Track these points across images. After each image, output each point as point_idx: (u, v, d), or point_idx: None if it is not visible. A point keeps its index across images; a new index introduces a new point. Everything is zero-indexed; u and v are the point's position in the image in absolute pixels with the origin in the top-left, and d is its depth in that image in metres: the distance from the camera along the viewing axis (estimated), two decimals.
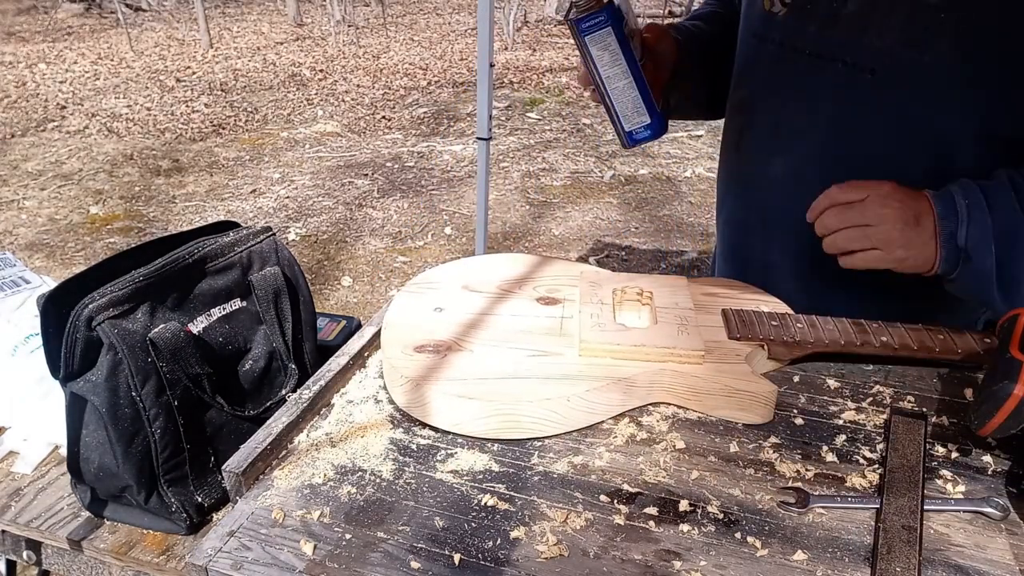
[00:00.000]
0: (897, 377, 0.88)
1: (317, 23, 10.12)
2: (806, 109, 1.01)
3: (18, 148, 5.38)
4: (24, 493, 0.87)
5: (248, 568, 0.65)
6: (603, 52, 0.94)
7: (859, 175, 0.89)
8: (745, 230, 1.16)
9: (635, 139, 1.00)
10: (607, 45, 0.94)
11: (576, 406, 0.79)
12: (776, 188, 1.07)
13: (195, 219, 4.20)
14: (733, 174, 1.18)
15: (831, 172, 0.93)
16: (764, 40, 1.05)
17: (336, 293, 3.44)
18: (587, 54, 0.95)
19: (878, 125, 0.95)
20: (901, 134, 0.94)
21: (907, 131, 0.93)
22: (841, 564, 0.64)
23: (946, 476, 0.73)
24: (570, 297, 0.96)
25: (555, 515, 0.69)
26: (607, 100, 0.98)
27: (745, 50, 1.11)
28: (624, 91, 0.97)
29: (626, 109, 0.98)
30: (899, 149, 0.95)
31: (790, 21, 1.01)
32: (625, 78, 0.96)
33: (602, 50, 0.94)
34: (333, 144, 5.42)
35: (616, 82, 0.97)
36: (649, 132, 0.99)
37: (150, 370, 0.76)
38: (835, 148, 0.99)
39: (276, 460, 0.77)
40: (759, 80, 1.08)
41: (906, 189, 0.87)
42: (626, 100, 0.97)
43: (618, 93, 0.97)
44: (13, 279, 1.12)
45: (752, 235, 1.14)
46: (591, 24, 0.93)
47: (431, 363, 0.83)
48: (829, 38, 0.96)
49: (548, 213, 4.22)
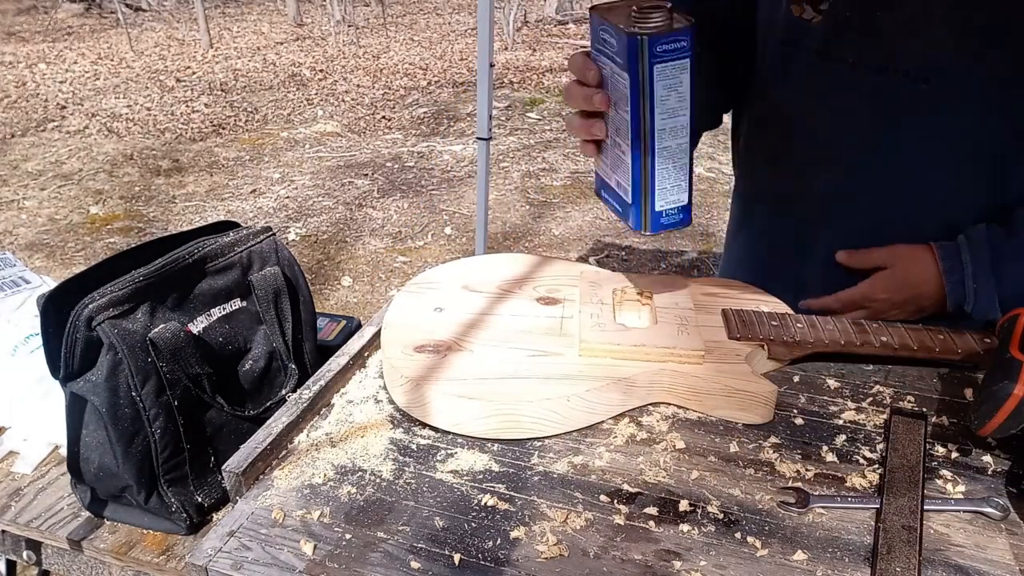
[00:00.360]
0: (897, 377, 0.88)
1: (317, 23, 10.11)
2: (849, 122, 0.96)
3: (18, 148, 5.38)
4: (24, 493, 0.87)
5: (248, 568, 0.65)
6: (669, 93, 0.68)
7: (908, 188, 0.93)
8: (776, 246, 1.11)
9: (661, 224, 0.74)
10: (678, 84, 0.67)
11: (576, 406, 0.79)
12: (816, 204, 1.03)
13: (195, 219, 4.20)
14: (764, 190, 1.12)
15: (876, 186, 0.93)
16: (796, 48, 0.98)
17: (336, 293, 3.44)
18: (643, 90, 0.68)
19: (930, 135, 0.92)
20: (955, 144, 0.92)
21: (962, 141, 0.92)
22: (841, 564, 0.64)
23: (946, 476, 0.73)
24: (570, 297, 0.96)
25: (555, 515, 0.69)
26: (641, 162, 0.71)
27: (770, 59, 1.03)
28: (674, 154, 0.70)
29: (666, 180, 0.72)
30: (953, 160, 0.93)
31: (827, 29, 0.94)
32: (682, 136, 0.70)
33: (669, 89, 0.68)
34: (333, 144, 5.42)
35: (669, 139, 0.70)
36: (681, 216, 0.75)
37: (150, 370, 0.76)
38: (882, 162, 0.96)
39: (276, 460, 0.77)
40: (792, 91, 1.01)
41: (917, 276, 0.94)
42: (671, 167, 0.71)
43: (666, 155, 0.70)
44: (13, 279, 1.12)
45: (783, 252, 1.10)
46: (668, 48, 0.66)
47: (431, 363, 0.83)
48: (874, 47, 0.91)
49: (548, 213, 4.22)
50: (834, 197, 1.01)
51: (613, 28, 0.70)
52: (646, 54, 0.66)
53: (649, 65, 0.67)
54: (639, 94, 0.68)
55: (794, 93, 1.02)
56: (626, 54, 0.67)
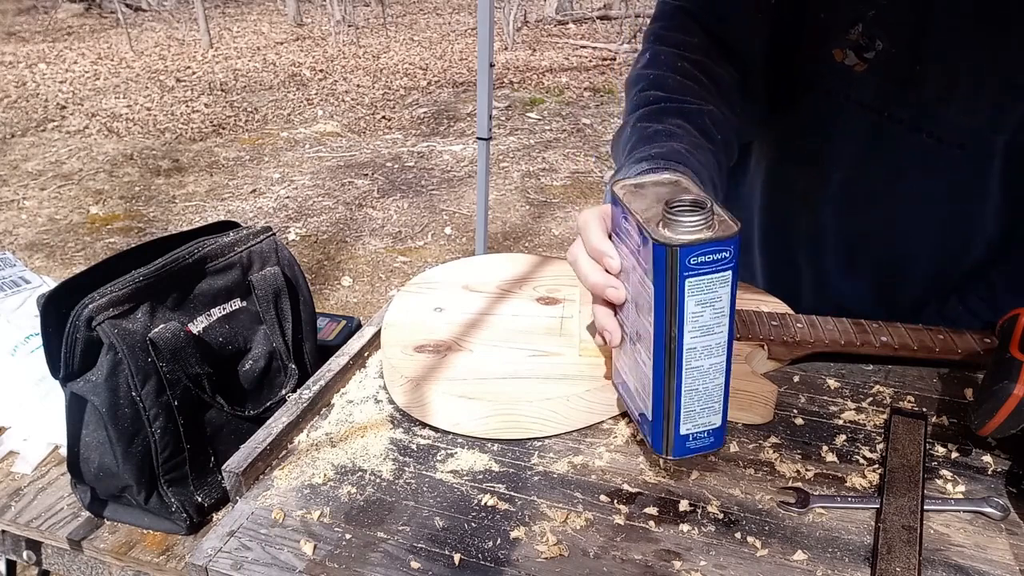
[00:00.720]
0: (897, 377, 0.88)
1: (317, 23, 10.11)
2: (887, 175, 0.96)
3: (18, 148, 5.38)
4: (24, 493, 0.87)
5: (248, 568, 0.65)
6: (704, 309, 0.56)
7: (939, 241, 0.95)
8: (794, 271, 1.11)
9: (687, 448, 0.64)
10: (716, 299, 0.56)
11: (576, 406, 0.79)
12: (843, 246, 1.04)
13: (195, 219, 4.20)
14: (790, 221, 1.10)
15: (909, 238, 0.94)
16: (837, 96, 0.95)
17: (336, 293, 3.44)
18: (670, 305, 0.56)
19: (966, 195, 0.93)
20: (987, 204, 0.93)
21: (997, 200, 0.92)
22: (841, 564, 0.64)
23: (946, 476, 0.73)
24: (570, 297, 0.96)
25: (555, 515, 0.69)
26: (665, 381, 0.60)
27: (810, 104, 0.99)
28: (705, 374, 0.59)
29: (694, 403, 0.61)
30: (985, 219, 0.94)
31: (870, 80, 0.92)
32: (717, 355, 0.59)
33: (704, 305, 0.56)
34: (333, 144, 5.42)
35: (702, 359, 0.58)
36: (712, 440, 0.64)
37: (150, 370, 0.76)
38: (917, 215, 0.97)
39: (276, 460, 0.77)
40: (831, 137, 0.99)
41: None
42: (701, 388, 0.60)
43: (696, 376, 0.59)
44: (13, 279, 1.12)
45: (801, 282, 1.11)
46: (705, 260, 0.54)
47: (431, 363, 0.83)
48: (911, 105, 0.90)
49: (548, 213, 4.22)
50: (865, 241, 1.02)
51: (637, 224, 0.58)
52: (677, 266, 0.54)
53: (681, 278, 0.55)
54: (665, 309, 0.56)
55: (833, 141, 0.99)
56: (651, 260, 0.56)
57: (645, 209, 0.59)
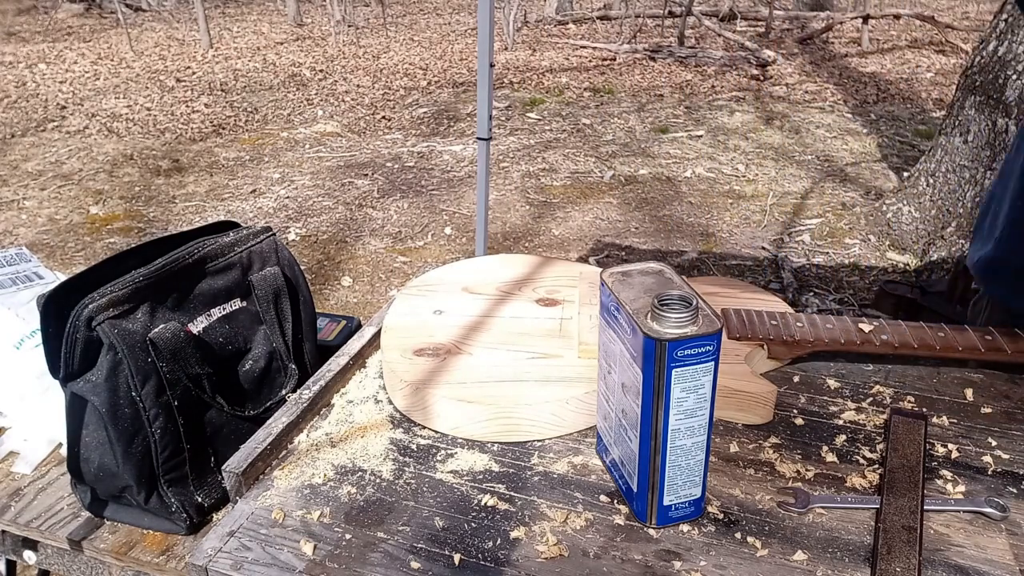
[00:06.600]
0: (897, 377, 0.88)
1: (317, 23, 10.11)
2: None
3: (18, 148, 5.38)
4: (24, 493, 0.87)
5: (248, 568, 0.65)
6: (688, 395, 0.62)
7: None
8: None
9: (669, 517, 0.68)
10: (699, 387, 0.62)
11: (575, 408, 0.79)
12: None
13: (195, 219, 4.20)
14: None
15: None
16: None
17: (336, 293, 3.44)
18: (657, 391, 0.61)
19: None
20: None
21: None
22: (841, 564, 0.64)
23: (946, 476, 0.73)
24: (570, 298, 0.95)
25: (555, 515, 0.69)
26: (650, 458, 0.65)
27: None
28: (688, 451, 0.65)
29: (677, 477, 0.66)
30: None
31: None
32: (699, 434, 0.64)
33: (688, 392, 0.62)
34: (333, 144, 5.42)
35: (684, 439, 0.64)
36: (692, 510, 0.68)
37: (150, 370, 0.76)
38: None
39: (276, 460, 0.77)
40: None
41: None
42: (683, 464, 0.66)
43: (680, 454, 0.65)
44: (27, 274, 1.13)
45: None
46: (691, 353, 0.60)
47: (431, 367, 0.83)
48: None
49: (548, 213, 4.21)
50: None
51: (628, 315, 0.63)
52: (665, 357, 0.60)
53: (668, 368, 0.60)
54: (653, 393, 0.62)
55: None
56: (641, 351, 0.61)
57: (633, 299, 0.64)
